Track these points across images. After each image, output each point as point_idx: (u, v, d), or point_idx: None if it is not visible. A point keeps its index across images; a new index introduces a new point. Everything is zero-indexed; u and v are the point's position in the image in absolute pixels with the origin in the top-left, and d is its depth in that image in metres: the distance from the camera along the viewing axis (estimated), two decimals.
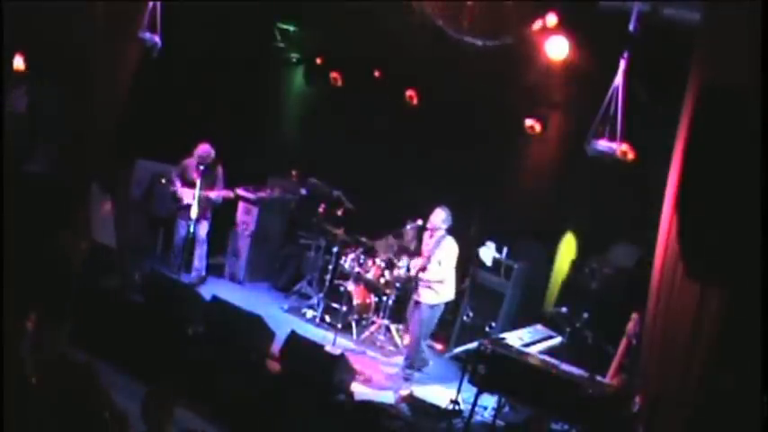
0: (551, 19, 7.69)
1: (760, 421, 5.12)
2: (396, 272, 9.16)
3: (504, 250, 9.18)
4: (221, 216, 10.10)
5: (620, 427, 6.22)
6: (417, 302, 8.48)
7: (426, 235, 8.52)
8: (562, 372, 6.70)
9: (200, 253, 9.72)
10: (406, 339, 8.91)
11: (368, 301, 9.39)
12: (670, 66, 6.62)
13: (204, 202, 9.50)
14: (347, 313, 9.19)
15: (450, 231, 8.40)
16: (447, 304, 8.62)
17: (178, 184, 9.57)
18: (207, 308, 8.09)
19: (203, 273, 9.82)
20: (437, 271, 8.31)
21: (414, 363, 8.43)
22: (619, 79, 6.54)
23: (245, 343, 7.64)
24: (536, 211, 9.40)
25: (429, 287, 8.38)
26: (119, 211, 9.93)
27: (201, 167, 9.35)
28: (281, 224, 10.65)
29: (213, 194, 9.53)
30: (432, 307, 8.39)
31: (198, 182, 9.36)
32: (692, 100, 5.71)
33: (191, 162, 9.47)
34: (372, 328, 9.37)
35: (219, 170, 9.65)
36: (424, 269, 8.37)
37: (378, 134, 10.78)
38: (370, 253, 9.58)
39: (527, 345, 7.31)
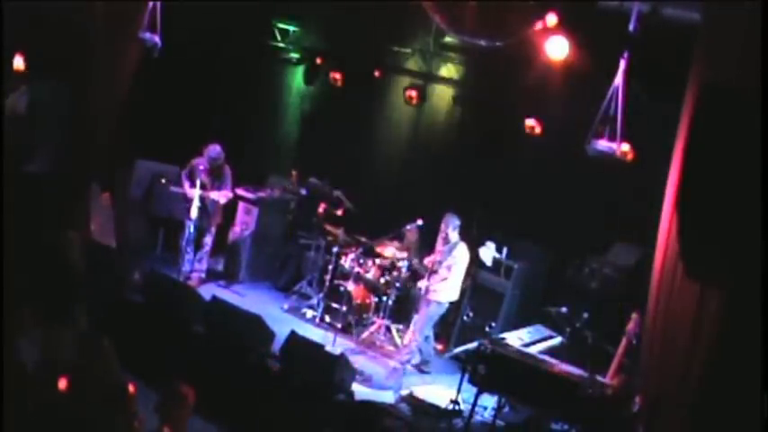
0: (551, 19, 7.69)
1: (760, 421, 5.11)
2: (396, 272, 9.18)
3: (504, 250, 9.18)
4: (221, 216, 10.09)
5: (620, 427, 6.22)
6: (428, 300, 8.57)
7: (439, 241, 8.61)
8: (562, 372, 6.71)
9: (201, 256, 9.71)
10: (406, 339, 8.91)
11: (368, 301, 9.38)
12: (670, 66, 6.62)
13: (210, 204, 9.44)
14: (347, 313, 9.19)
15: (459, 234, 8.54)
16: (449, 304, 8.66)
17: (186, 184, 9.47)
18: (207, 308, 8.10)
19: (203, 275, 9.81)
20: (444, 274, 8.47)
21: (414, 359, 8.49)
22: (619, 79, 6.54)
23: (246, 343, 7.65)
24: (536, 211, 9.40)
25: (437, 285, 8.48)
26: (119, 211, 9.93)
27: (210, 168, 9.32)
28: (281, 224, 10.65)
29: (215, 195, 9.44)
30: (438, 304, 8.53)
31: (206, 182, 9.31)
32: (692, 99, 5.70)
33: (199, 162, 9.40)
34: (372, 328, 9.37)
35: (228, 171, 9.58)
36: (435, 271, 8.50)
37: (378, 134, 10.78)
38: (371, 253, 9.59)
39: (527, 345, 7.31)
